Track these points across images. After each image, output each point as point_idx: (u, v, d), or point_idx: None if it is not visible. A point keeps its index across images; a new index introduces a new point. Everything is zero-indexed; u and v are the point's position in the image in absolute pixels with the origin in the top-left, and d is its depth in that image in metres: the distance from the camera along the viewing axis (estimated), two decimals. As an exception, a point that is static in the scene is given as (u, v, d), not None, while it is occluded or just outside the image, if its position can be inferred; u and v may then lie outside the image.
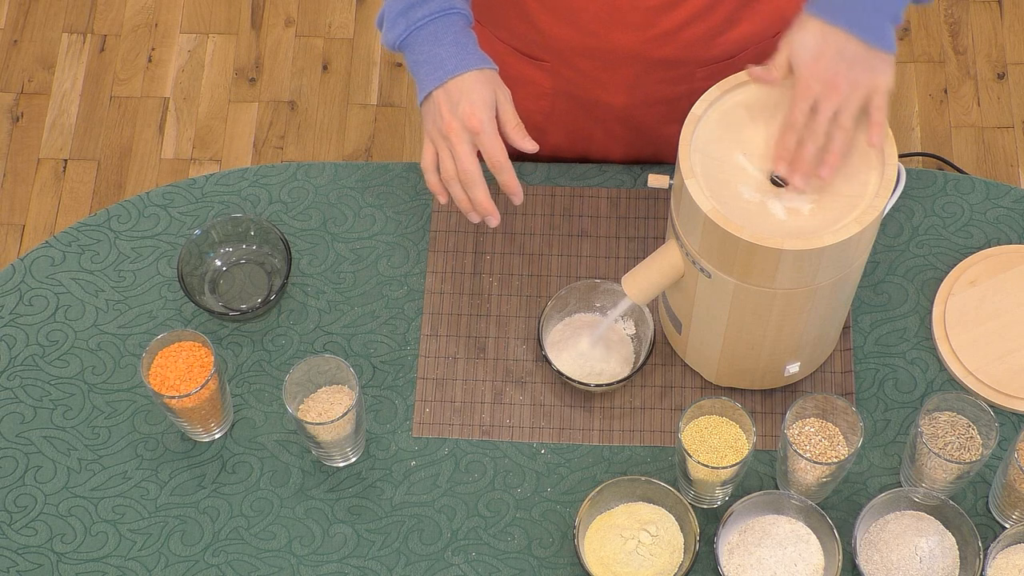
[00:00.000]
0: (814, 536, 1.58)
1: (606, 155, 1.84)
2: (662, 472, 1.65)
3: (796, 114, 1.44)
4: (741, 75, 1.50)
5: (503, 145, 1.53)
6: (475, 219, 1.56)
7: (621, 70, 1.68)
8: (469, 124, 1.51)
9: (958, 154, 2.83)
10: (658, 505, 1.60)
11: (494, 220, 1.55)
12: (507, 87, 1.55)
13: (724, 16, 1.63)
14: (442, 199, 1.58)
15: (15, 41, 2.99)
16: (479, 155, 1.54)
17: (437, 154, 1.55)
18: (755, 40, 1.66)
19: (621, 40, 1.63)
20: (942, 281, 1.74)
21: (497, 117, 1.54)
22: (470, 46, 1.54)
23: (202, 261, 1.74)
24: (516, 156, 1.91)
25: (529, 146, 1.54)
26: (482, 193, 1.54)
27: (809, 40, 1.44)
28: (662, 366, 1.71)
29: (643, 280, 1.56)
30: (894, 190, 1.47)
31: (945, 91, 2.91)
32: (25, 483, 1.66)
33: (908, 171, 1.79)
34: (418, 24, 1.54)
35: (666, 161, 1.84)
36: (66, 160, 2.86)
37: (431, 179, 1.57)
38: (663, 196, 1.80)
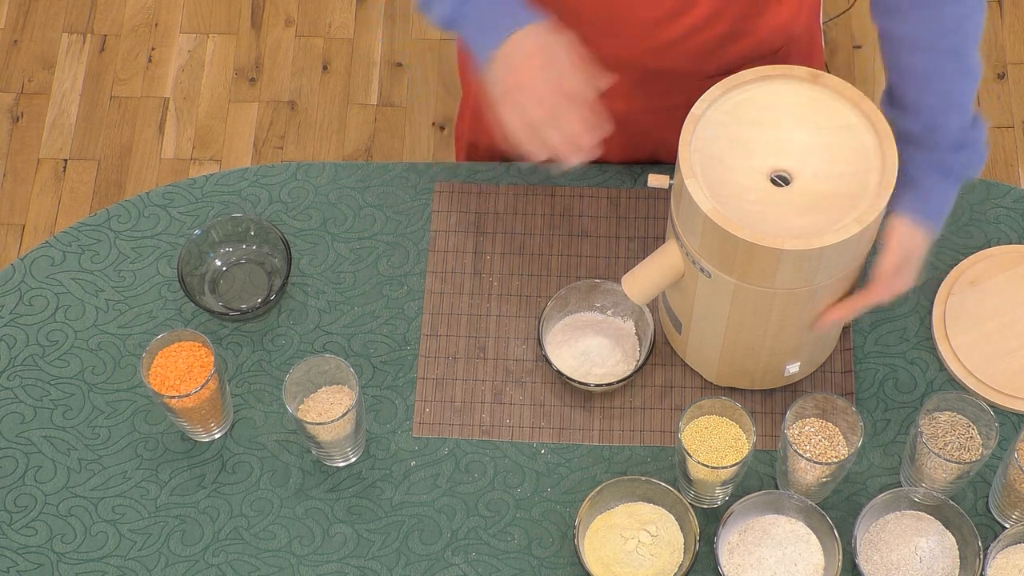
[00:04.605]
0: (814, 536, 1.58)
1: (605, 156, 1.84)
2: (662, 472, 1.65)
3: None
4: (741, 75, 1.50)
5: (558, 93, 1.49)
6: (575, 160, 1.50)
7: (620, 79, 1.68)
8: (539, 63, 1.48)
9: (958, 154, 2.83)
10: (658, 505, 1.60)
11: (608, 127, 1.50)
12: (565, 34, 1.53)
13: (723, 31, 1.62)
14: (542, 155, 1.51)
15: (15, 41, 2.99)
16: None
17: (517, 116, 1.50)
18: (754, 56, 1.66)
19: (620, 51, 1.63)
20: (942, 281, 1.74)
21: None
22: (519, 5, 1.52)
23: (202, 261, 1.74)
24: (518, 156, 1.91)
25: (605, 82, 1.51)
26: (582, 110, 1.49)
27: (904, 250, 1.54)
28: (662, 366, 1.71)
29: (643, 280, 1.56)
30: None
31: (945, 91, 2.90)
32: (25, 483, 1.66)
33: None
34: None
35: (666, 161, 1.85)
36: (66, 160, 2.86)
37: (524, 137, 1.51)
38: (663, 196, 1.80)
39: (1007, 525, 1.61)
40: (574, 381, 1.66)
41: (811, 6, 1.71)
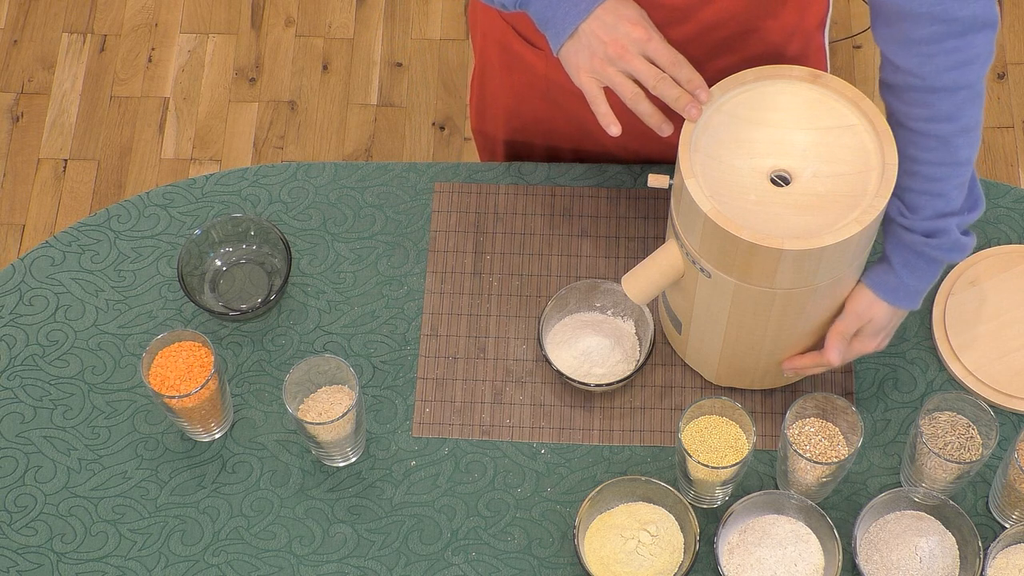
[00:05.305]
0: (814, 536, 1.58)
1: (603, 142, 1.83)
2: (662, 472, 1.65)
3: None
4: (741, 75, 1.50)
5: (669, 49, 1.48)
6: (668, 130, 1.49)
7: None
8: (635, 36, 1.46)
9: (958, 154, 2.83)
10: (658, 505, 1.60)
11: (704, 94, 1.48)
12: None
13: (727, 35, 1.62)
14: (616, 129, 1.50)
15: (15, 41, 2.99)
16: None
17: (623, 81, 1.49)
18: (757, 61, 1.66)
19: None
20: (942, 281, 1.74)
21: None
22: None
23: (202, 261, 1.74)
24: (516, 156, 1.92)
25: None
26: (688, 69, 1.47)
27: (860, 319, 1.56)
28: (662, 366, 1.71)
29: (643, 280, 1.56)
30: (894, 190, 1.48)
31: (945, 91, 2.90)
32: (25, 483, 1.66)
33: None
34: None
35: (666, 161, 1.84)
36: (66, 160, 2.86)
37: (603, 109, 1.50)
38: (663, 196, 1.80)
39: (1007, 525, 1.61)
40: (574, 381, 1.66)
41: (817, 14, 1.71)
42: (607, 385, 1.66)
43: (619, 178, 1.82)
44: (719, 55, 1.64)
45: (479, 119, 1.94)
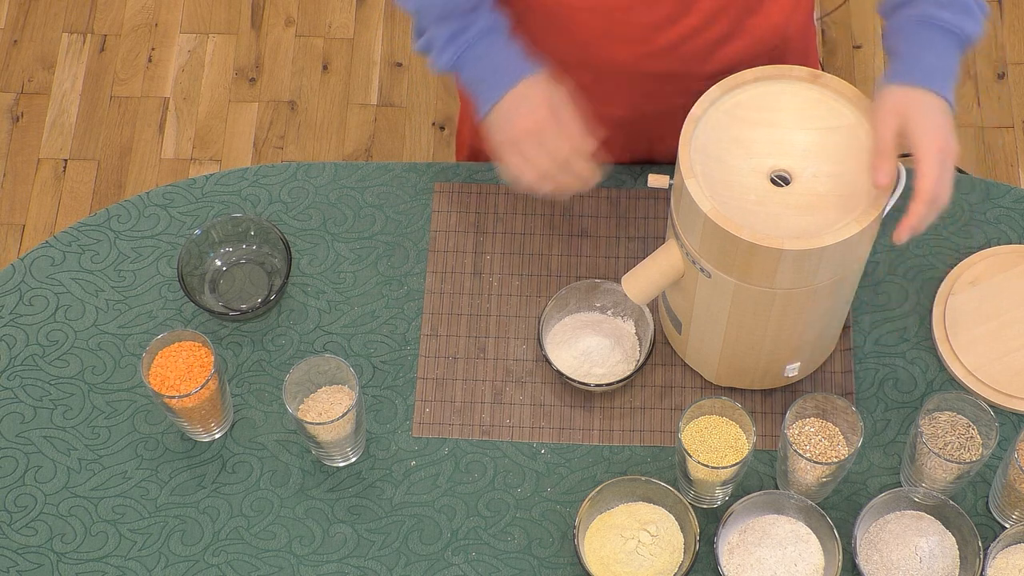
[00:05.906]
0: (814, 536, 1.58)
1: (605, 156, 1.84)
2: (662, 472, 1.65)
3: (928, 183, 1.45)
4: (741, 75, 1.50)
5: (567, 140, 1.57)
6: (592, 181, 1.61)
7: (618, 83, 1.69)
8: (528, 127, 1.56)
9: (958, 154, 2.83)
10: (658, 505, 1.60)
11: (593, 182, 1.60)
12: (560, 85, 1.60)
13: (720, 32, 1.63)
14: (547, 192, 1.61)
15: (15, 41, 2.99)
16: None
17: (525, 164, 1.59)
18: (753, 55, 1.66)
19: (618, 55, 1.64)
20: (942, 281, 1.74)
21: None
22: (515, 58, 1.59)
23: (202, 261, 1.74)
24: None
25: (600, 133, 1.60)
26: (580, 164, 1.57)
27: (894, 117, 1.45)
28: (662, 366, 1.71)
29: (643, 280, 1.56)
30: (894, 190, 1.47)
31: (945, 91, 2.90)
32: (25, 483, 1.66)
33: (908, 171, 1.78)
34: (465, 47, 1.59)
35: (665, 161, 1.84)
36: (66, 160, 2.86)
37: (532, 181, 1.59)
38: (663, 196, 1.80)
39: (1007, 525, 1.61)
40: (574, 381, 1.66)
41: (805, 4, 1.71)
42: (607, 385, 1.66)
43: (619, 178, 1.82)
44: (725, 44, 1.64)
45: (471, 149, 1.94)
